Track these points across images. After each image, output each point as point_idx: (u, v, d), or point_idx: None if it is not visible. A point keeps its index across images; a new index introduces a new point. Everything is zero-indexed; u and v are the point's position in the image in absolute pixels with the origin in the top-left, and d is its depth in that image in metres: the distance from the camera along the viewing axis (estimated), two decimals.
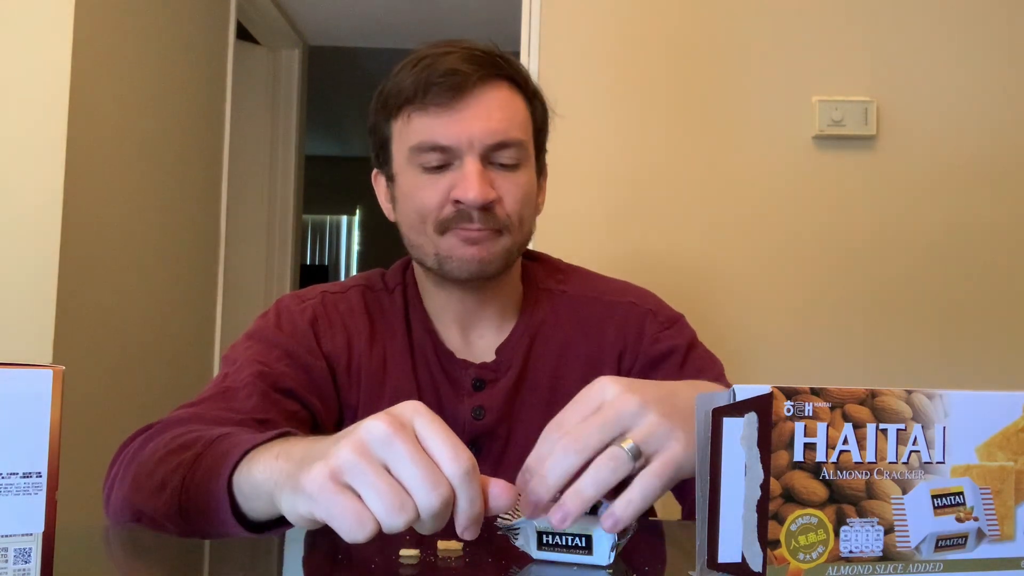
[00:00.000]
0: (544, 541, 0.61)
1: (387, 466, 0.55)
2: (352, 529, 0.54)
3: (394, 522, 0.54)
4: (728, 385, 0.53)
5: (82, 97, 1.89)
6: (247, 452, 0.69)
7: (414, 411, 0.57)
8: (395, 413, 0.57)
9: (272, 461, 0.64)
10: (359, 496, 0.55)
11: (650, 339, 1.06)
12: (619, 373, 1.05)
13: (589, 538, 0.61)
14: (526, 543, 0.62)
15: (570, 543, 0.60)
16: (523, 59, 2.07)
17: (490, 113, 0.97)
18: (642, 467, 0.61)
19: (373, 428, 0.56)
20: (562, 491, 0.60)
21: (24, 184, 1.82)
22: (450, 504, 0.55)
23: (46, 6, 1.84)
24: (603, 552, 0.61)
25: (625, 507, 0.60)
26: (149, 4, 2.27)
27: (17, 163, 1.82)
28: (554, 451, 0.60)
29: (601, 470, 0.59)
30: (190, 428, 0.84)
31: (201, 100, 2.67)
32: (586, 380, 1.04)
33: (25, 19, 1.84)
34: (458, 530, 0.57)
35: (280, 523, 0.69)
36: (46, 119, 1.83)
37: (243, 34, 3.34)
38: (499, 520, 0.61)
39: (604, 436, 0.60)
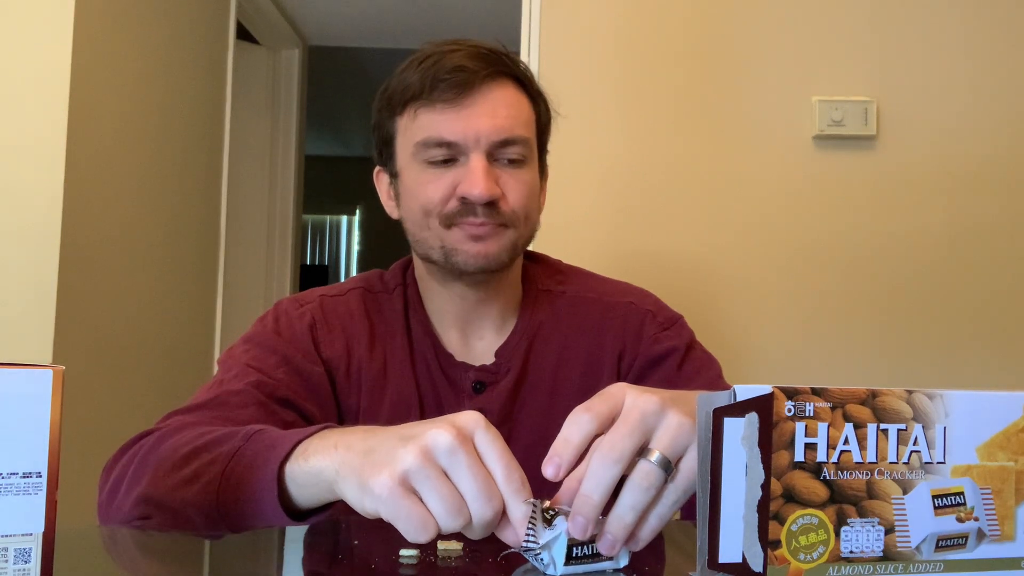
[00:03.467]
0: (574, 555, 0.61)
1: (448, 473, 0.60)
2: (417, 532, 0.59)
3: (451, 525, 0.59)
4: (726, 386, 0.53)
5: (82, 97, 1.89)
6: (297, 444, 0.71)
7: (476, 424, 0.62)
8: (459, 424, 0.61)
9: (331, 451, 0.68)
10: (421, 497, 0.60)
11: (649, 340, 1.06)
12: (618, 373, 1.06)
13: None
14: (551, 562, 0.61)
15: (596, 551, 0.61)
16: (523, 59, 2.07)
17: (496, 110, 0.98)
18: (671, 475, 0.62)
19: (439, 438, 0.60)
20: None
21: (24, 184, 1.82)
22: (499, 515, 0.60)
23: (46, 6, 1.84)
24: (623, 554, 0.63)
25: (644, 528, 0.62)
26: (149, 4, 2.27)
27: (17, 163, 1.82)
28: (591, 465, 0.60)
29: (637, 493, 0.61)
30: (207, 429, 0.84)
31: (201, 100, 2.67)
32: (586, 381, 1.06)
33: (25, 19, 1.83)
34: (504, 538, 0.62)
35: (324, 509, 0.72)
36: (46, 119, 1.83)
37: (243, 34, 3.34)
38: (526, 545, 0.61)
39: (636, 441, 0.61)
